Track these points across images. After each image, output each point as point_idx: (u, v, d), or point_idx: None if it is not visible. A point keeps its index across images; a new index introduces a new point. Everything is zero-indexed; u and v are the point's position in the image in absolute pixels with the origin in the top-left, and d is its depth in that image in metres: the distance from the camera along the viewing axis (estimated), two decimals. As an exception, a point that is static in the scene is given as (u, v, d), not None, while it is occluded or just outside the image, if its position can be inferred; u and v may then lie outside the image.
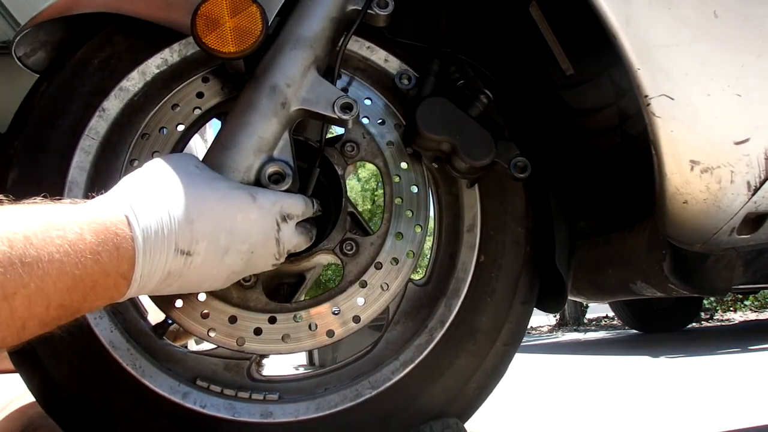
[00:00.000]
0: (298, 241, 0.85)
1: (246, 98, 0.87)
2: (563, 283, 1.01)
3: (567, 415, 2.11)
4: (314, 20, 0.89)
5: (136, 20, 0.94)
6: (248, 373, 0.97)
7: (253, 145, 0.84)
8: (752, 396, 2.14)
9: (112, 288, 0.66)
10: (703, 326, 7.85)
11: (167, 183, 0.74)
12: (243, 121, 0.85)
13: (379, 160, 1.01)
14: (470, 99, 0.96)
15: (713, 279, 1.01)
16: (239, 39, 0.82)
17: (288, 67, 0.87)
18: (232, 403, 0.93)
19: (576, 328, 9.95)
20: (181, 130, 0.99)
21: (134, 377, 0.90)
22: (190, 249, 0.72)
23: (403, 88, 0.99)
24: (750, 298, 9.69)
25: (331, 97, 0.88)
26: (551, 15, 1.06)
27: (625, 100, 1.11)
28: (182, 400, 0.91)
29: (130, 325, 0.95)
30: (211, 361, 0.97)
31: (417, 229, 1.01)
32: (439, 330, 0.99)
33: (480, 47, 1.06)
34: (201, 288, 0.80)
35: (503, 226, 1.03)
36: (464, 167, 0.95)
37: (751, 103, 0.81)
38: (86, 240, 0.62)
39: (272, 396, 0.95)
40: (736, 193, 0.84)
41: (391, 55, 1.03)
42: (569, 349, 5.84)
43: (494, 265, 1.02)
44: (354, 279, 0.98)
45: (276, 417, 0.93)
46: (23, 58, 0.98)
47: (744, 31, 0.81)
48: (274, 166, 0.85)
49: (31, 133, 0.93)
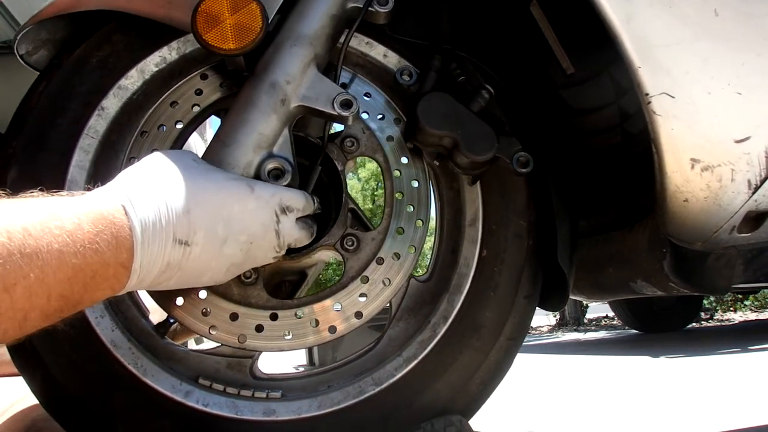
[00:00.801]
0: (299, 236, 0.85)
1: (246, 95, 0.87)
2: (565, 281, 1.00)
3: (567, 415, 2.11)
4: (314, 18, 0.89)
5: (135, 18, 0.94)
6: (251, 371, 0.97)
7: (252, 142, 0.85)
8: (752, 396, 2.14)
9: (112, 278, 0.66)
10: (703, 326, 7.85)
11: (164, 174, 0.74)
12: (243, 118, 0.85)
13: (379, 155, 1.01)
14: (471, 94, 0.96)
15: (714, 277, 1.01)
16: (239, 36, 0.83)
17: (288, 64, 0.87)
18: (234, 402, 0.93)
19: (576, 328, 9.95)
20: (180, 128, 0.98)
21: (136, 376, 0.90)
22: (188, 239, 0.72)
23: (404, 83, 0.99)
24: (750, 298, 9.69)
25: (330, 94, 0.89)
26: (552, 14, 1.06)
27: (625, 98, 1.11)
28: (184, 399, 0.91)
29: (131, 324, 0.95)
30: (213, 360, 0.96)
31: (418, 224, 1.00)
32: (442, 326, 0.99)
33: (481, 45, 1.06)
34: (200, 281, 0.79)
35: (505, 220, 1.02)
36: (466, 162, 0.94)
37: (751, 102, 0.81)
38: (84, 230, 0.62)
39: (275, 394, 0.95)
40: (737, 191, 0.84)
41: (390, 51, 1.03)
42: (569, 349, 5.84)
43: (497, 260, 1.01)
44: (355, 275, 0.97)
45: (279, 415, 0.93)
46: (25, 56, 0.99)
47: (744, 29, 0.81)
48: (273, 163, 0.86)
49: (31, 132, 0.93)
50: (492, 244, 1.02)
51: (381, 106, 1.03)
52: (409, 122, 0.97)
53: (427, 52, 1.01)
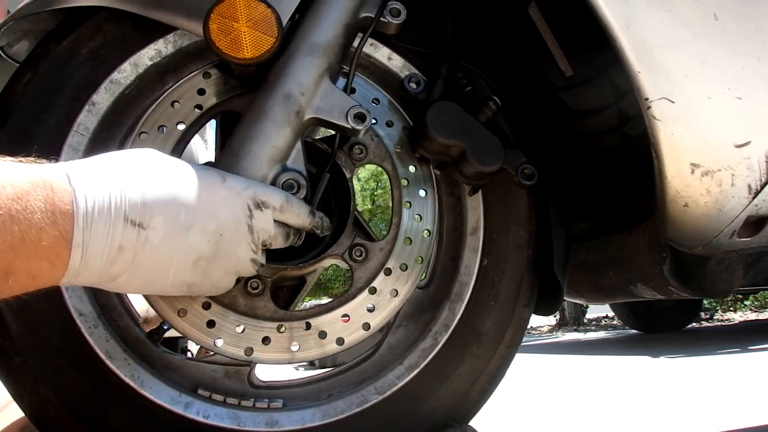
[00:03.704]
0: (276, 233, 0.80)
1: (259, 105, 0.85)
2: (559, 288, 1.01)
3: (567, 415, 2.11)
4: (328, 27, 0.87)
5: None
6: (249, 380, 0.96)
7: (267, 155, 0.83)
8: (752, 396, 2.14)
9: (48, 249, 0.60)
10: (703, 326, 7.85)
11: (121, 156, 0.71)
12: (256, 130, 0.83)
13: (387, 164, 1.00)
14: (479, 105, 0.96)
15: (714, 282, 1.01)
16: (255, 45, 0.81)
17: (302, 75, 0.85)
18: (236, 413, 0.91)
19: (576, 328, 9.96)
20: (182, 129, 0.95)
21: (133, 389, 0.87)
22: (142, 221, 0.67)
23: (411, 91, 0.98)
24: (750, 298, 9.70)
25: (344, 106, 0.87)
26: (550, 16, 1.06)
27: (624, 101, 1.10)
28: (184, 411, 0.89)
29: (125, 333, 0.92)
30: (210, 368, 0.94)
31: (425, 234, 0.99)
32: (443, 334, 0.99)
33: (482, 56, 1.06)
34: (167, 276, 0.73)
35: (507, 229, 1.02)
36: (472, 172, 0.94)
37: (751, 106, 0.81)
38: (15, 185, 0.58)
39: (276, 404, 0.93)
40: (737, 196, 0.83)
41: (394, 53, 1.02)
42: (569, 349, 5.84)
43: (498, 269, 1.01)
44: (363, 285, 0.96)
45: (282, 426, 0.91)
46: (6, 48, 0.95)
47: (744, 33, 0.81)
48: (287, 176, 0.84)
49: (14, 127, 0.89)
50: (493, 253, 1.01)
51: (387, 111, 1.02)
52: (416, 130, 0.96)
53: (431, 58, 1.00)
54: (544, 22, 1.06)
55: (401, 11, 0.93)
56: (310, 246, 1.02)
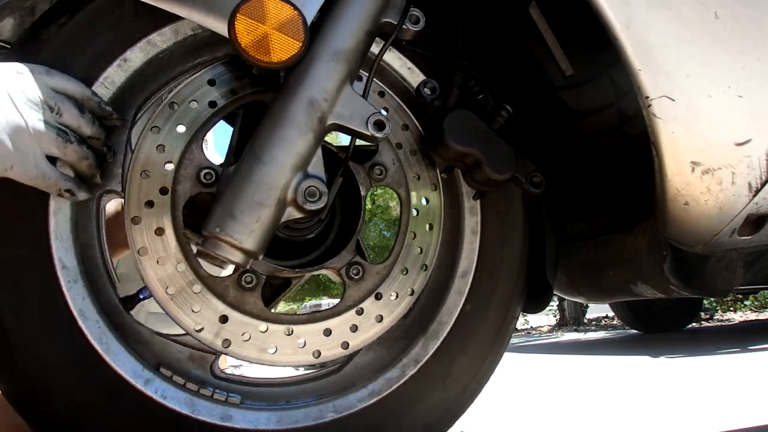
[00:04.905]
0: (71, 122, 0.78)
1: (281, 109, 0.83)
2: (549, 288, 1.04)
3: (567, 415, 2.11)
4: (350, 33, 0.86)
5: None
6: (212, 369, 0.94)
7: (290, 161, 0.82)
8: (752, 396, 2.14)
9: None
10: (703, 326, 7.85)
11: None
12: (280, 135, 0.82)
13: (403, 191, 1.01)
14: (491, 113, 0.97)
15: (714, 280, 1.01)
16: (282, 48, 0.79)
17: (325, 81, 0.84)
18: (192, 399, 0.89)
19: (576, 328, 9.95)
20: (212, 110, 0.94)
21: (98, 353, 0.84)
22: None
23: (426, 97, 0.98)
24: (750, 298, 9.70)
25: (365, 113, 0.87)
26: (551, 15, 1.06)
27: (624, 100, 1.11)
28: (144, 387, 0.86)
29: (100, 294, 0.88)
30: (176, 348, 0.92)
31: (422, 268, 1.00)
32: (412, 368, 0.99)
33: (489, 63, 1.07)
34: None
35: (497, 280, 1.04)
36: (484, 179, 0.96)
37: (752, 105, 0.81)
38: None
39: (234, 398, 0.92)
40: (737, 194, 0.84)
41: (403, 56, 1.03)
42: (569, 349, 5.84)
43: (478, 316, 1.02)
44: (352, 305, 0.97)
45: (235, 422, 0.90)
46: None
47: (745, 32, 0.81)
48: (309, 183, 0.83)
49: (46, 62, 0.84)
50: (477, 299, 1.02)
51: (405, 136, 1.03)
52: (431, 136, 0.97)
53: (443, 64, 1.01)
54: (544, 22, 1.06)
55: (420, 18, 0.92)
56: (308, 252, 1.02)
